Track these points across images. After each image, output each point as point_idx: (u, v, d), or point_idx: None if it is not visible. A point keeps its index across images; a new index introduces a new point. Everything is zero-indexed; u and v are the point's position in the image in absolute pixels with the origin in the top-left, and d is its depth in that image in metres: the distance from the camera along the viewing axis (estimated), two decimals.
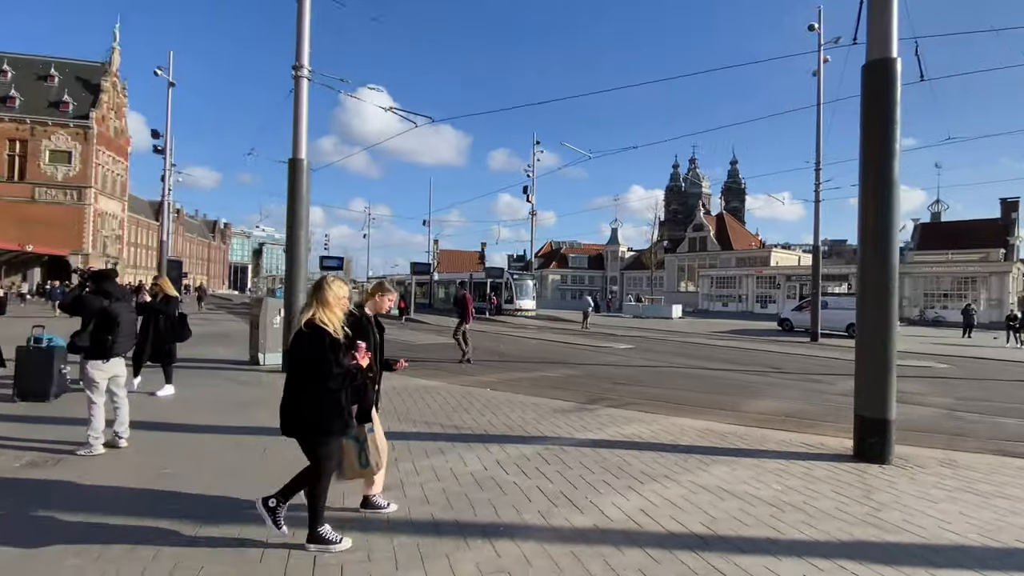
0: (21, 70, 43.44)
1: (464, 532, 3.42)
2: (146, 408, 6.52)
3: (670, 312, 36.86)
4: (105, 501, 3.79)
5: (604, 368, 12.20)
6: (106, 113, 46.17)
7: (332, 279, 3.19)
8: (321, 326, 3.00)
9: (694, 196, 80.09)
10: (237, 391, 8.05)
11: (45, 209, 42.09)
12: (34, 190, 42.17)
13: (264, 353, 10.54)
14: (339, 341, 3.04)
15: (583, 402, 7.74)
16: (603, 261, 72.54)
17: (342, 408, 3.08)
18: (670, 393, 9.10)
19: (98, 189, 45.25)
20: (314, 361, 2.99)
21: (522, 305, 34.63)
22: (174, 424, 5.92)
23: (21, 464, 4.44)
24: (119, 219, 51.01)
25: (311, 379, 3.01)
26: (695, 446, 5.46)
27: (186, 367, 9.56)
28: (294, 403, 3.06)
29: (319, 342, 2.98)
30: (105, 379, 4.91)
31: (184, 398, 7.30)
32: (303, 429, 3.07)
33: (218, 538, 3.26)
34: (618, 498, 4.02)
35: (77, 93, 44.50)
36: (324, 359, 2.97)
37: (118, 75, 48.41)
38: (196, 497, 3.89)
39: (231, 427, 5.91)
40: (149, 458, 4.75)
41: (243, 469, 4.50)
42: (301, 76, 9.96)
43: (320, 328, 3.00)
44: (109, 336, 4.85)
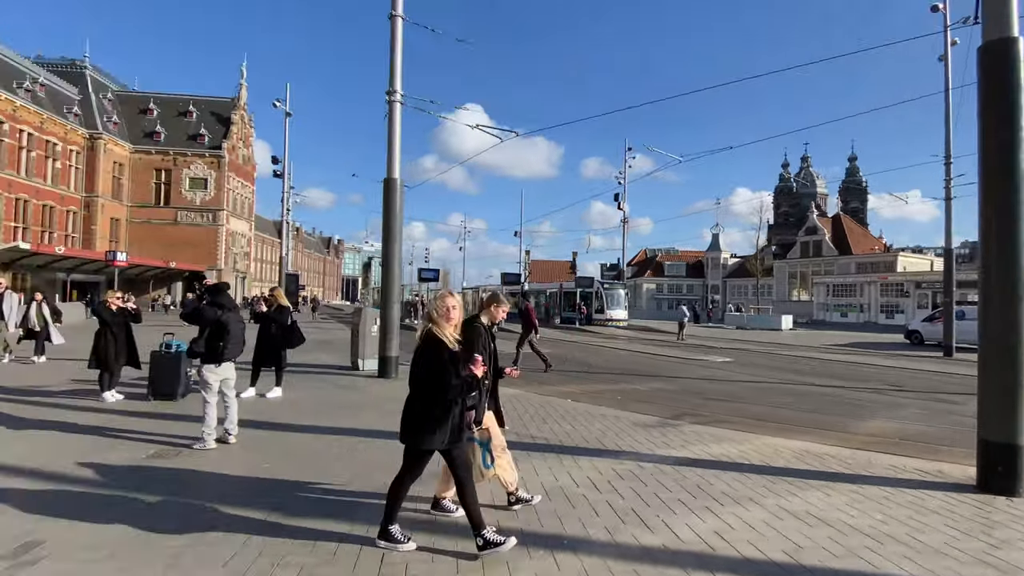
0: (165, 108, 50.14)
1: (527, 542, 3.42)
2: (256, 408, 7.21)
3: (778, 323, 34.33)
4: (210, 491, 4.23)
5: (696, 382, 11.63)
6: (235, 143, 51.92)
7: (446, 295, 3.29)
8: (437, 339, 3.12)
9: (807, 197, 73.99)
10: (337, 394, 8.65)
11: (186, 230, 48.20)
12: (177, 213, 48.41)
13: (363, 359, 11.24)
14: (455, 353, 3.12)
15: (668, 417, 7.43)
16: (703, 269, 69.22)
17: (454, 418, 3.13)
18: (768, 411, 8.48)
19: (229, 211, 50.90)
20: (432, 374, 3.10)
21: (613, 315, 33.98)
22: (278, 424, 6.48)
23: (147, 455, 5.09)
24: (247, 238, 56.98)
25: (430, 391, 3.12)
26: (787, 468, 5.05)
27: (294, 371, 10.42)
28: (412, 413, 3.18)
29: (436, 356, 3.10)
30: (217, 381, 5.51)
31: (290, 400, 7.96)
32: (415, 437, 3.17)
33: (303, 528, 3.53)
34: (692, 519, 3.82)
35: (212, 126, 50.52)
36: (442, 371, 3.07)
37: (245, 108, 54.32)
38: (289, 490, 4.24)
39: (327, 427, 6.35)
40: (253, 454, 5.24)
41: (333, 466, 4.83)
42: (394, 101, 10.60)
43: (436, 341, 3.12)
44: (221, 343, 5.44)
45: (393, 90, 10.57)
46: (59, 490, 4.15)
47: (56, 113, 40.52)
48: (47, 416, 6.47)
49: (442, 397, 3.08)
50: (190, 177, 48.74)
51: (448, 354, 3.10)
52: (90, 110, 44.14)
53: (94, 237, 43.09)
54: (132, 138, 47.68)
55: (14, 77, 37.42)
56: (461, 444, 3.25)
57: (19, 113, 36.83)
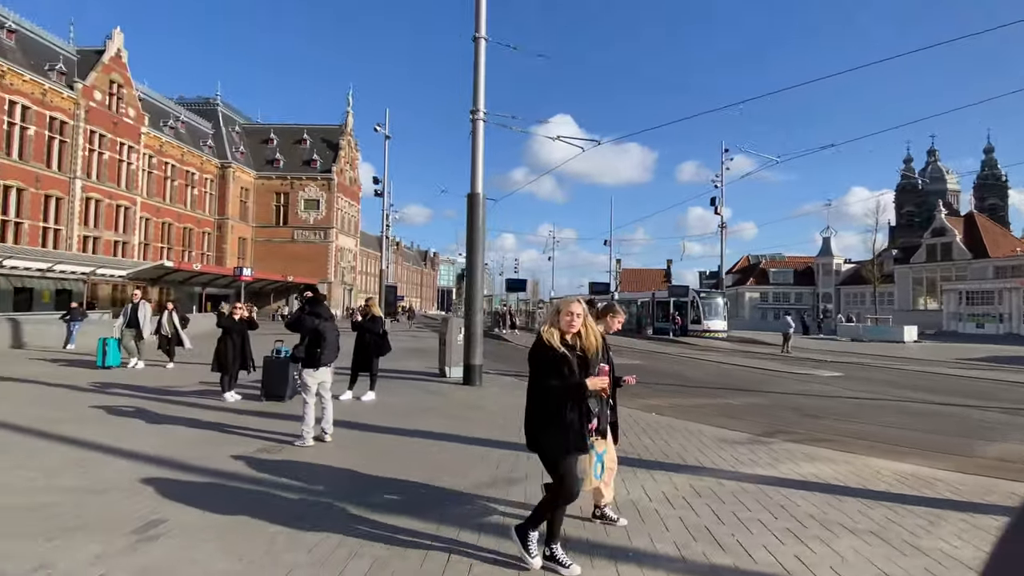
0: (283, 137, 55.60)
1: (592, 552, 3.43)
2: (351, 410, 7.77)
3: (900, 334, 30.84)
4: (305, 484, 4.64)
5: (797, 398, 10.84)
6: (343, 166, 56.17)
7: (574, 302, 3.26)
8: (544, 342, 3.12)
9: (934, 195, 66.01)
10: (424, 399, 9.07)
11: (301, 247, 52.96)
12: (293, 232, 53.36)
13: (449, 367, 11.68)
14: (562, 356, 3.08)
15: (759, 434, 7.02)
16: (813, 276, 63.95)
17: (572, 424, 3.06)
18: (875, 430, 7.73)
19: (338, 229, 55.07)
20: (540, 379, 3.13)
21: (710, 326, 32.34)
22: (369, 425, 6.94)
23: (255, 450, 5.68)
24: (353, 253, 61.22)
25: (540, 394, 3.13)
26: (888, 492, 4.60)
27: (388, 377, 11.06)
28: (530, 420, 3.17)
29: (541, 358, 3.12)
30: (315, 384, 6.03)
31: (382, 403, 8.48)
32: (539, 446, 3.15)
33: (381, 523, 3.79)
34: (770, 540, 3.61)
35: (323, 151, 55.12)
36: (546, 374, 3.08)
37: (351, 133, 58.67)
38: (372, 486, 4.55)
39: (412, 430, 6.70)
40: (345, 452, 5.66)
41: (412, 466, 5.10)
42: (477, 119, 11.02)
43: (543, 344, 3.12)
44: (318, 349, 5.96)
45: (476, 108, 10.99)
46: (182, 477, 4.76)
47: (194, 146, 46.29)
48: (177, 413, 7.40)
49: (552, 402, 3.06)
50: (304, 199, 53.41)
51: (551, 355, 3.07)
52: (221, 142, 49.95)
53: (225, 255, 48.51)
54: (256, 165, 53.26)
55: (161, 116, 43.26)
56: (577, 455, 3.14)
57: (165, 148, 42.51)
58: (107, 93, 36.68)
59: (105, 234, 36.57)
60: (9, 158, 30.20)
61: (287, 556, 3.28)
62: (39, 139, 31.97)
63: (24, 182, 31.03)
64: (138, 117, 39.31)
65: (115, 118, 37.14)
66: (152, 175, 41.22)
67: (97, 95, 35.71)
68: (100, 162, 35.99)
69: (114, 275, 31.80)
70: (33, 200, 31.63)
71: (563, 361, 3.07)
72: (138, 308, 12.48)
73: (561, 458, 3.09)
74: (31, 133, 31.42)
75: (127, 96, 38.38)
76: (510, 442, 6.15)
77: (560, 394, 3.05)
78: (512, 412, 7.97)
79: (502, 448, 5.90)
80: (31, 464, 4.96)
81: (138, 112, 39.37)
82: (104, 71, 36.36)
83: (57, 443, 5.70)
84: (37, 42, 33.65)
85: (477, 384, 10.50)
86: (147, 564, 3.14)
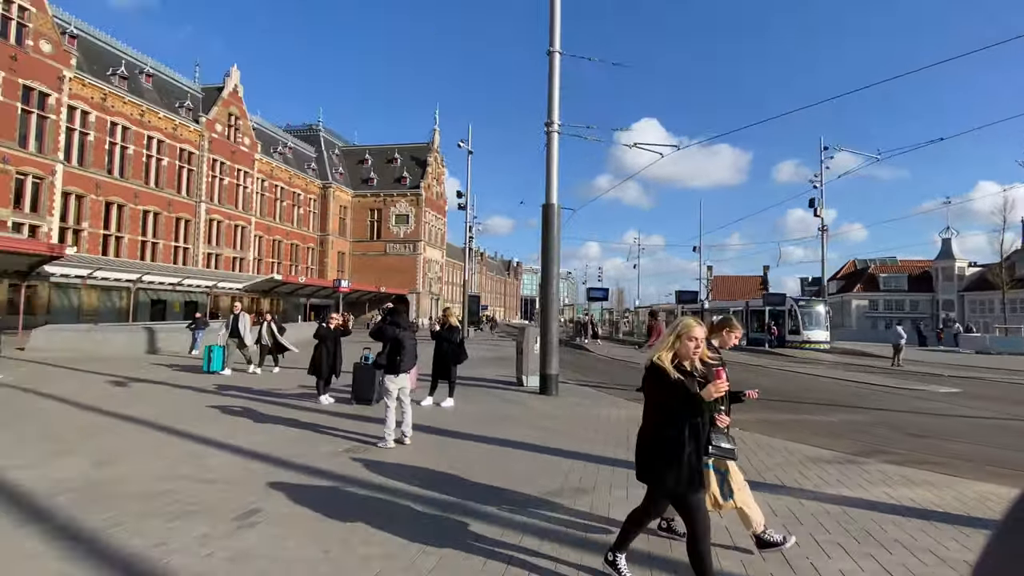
0: (376, 157, 59.32)
1: (652, 564, 3.43)
2: (431, 416, 8.15)
3: None
4: (383, 483, 4.97)
5: (903, 416, 9.90)
6: (430, 182, 58.76)
7: (694, 325, 3.04)
8: (660, 369, 2.92)
9: None
10: (500, 407, 9.29)
11: (392, 260, 56.10)
12: (386, 246, 56.63)
13: (526, 376, 11.84)
14: (679, 381, 2.87)
15: (852, 453, 6.52)
16: (931, 281, 57.60)
17: (684, 454, 2.85)
18: (988, 452, 6.90)
19: (426, 241, 57.59)
20: (658, 406, 2.97)
21: (810, 336, 30.02)
22: (447, 430, 7.26)
23: (343, 449, 6.14)
24: (440, 264, 63.65)
25: (655, 424, 2.96)
26: (992, 520, 4.13)
27: (467, 384, 11.43)
28: (642, 448, 3.03)
29: (657, 386, 2.93)
30: (396, 389, 6.42)
31: (460, 410, 8.80)
32: (649, 475, 2.99)
33: (452, 522, 4.01)
34: (848, 565, 3.41)
35: (412, 169, 58.06)
36: (663, 403, 2.93)
37: (438, 150, 61.27)
38: (445, 489, 4.79)
39: (488, 437, 6.92)
40: (422, 455, 5.98)
41: (484, 471, 5.30)
42: (552, 131, 11.19)
43: (658, 370, 2.92)
44: (398, 357, 6.35)
45: (551, 121, 11.17)
46: (279, 471, 5.27)
47: (299, 169, 50.45)
48: (278, 413, 8.15)
49: (670, 432, 2.87)
50: (395, 214, 56.44)
51: (671, 384, 2.86)
52: (323, 164, 54.10)
53: (326, 268, 52.27)
54: (353, 184, 57.08)
55: (271, 143, 47.62)
56: (698, 491, 2.95)
57: (275, 172, 46.71)
58: (226, 125, 41.01)
59: (225, 251, 40.74)
60: (147, 186, 34.58)
61: (363, 549, 3.57)
62: (171, 169, 36.35)
63: (159, 207, 35.38)
64: (252, 145, 43.54)
65: (233, 147, 41.42)
66: (264, 197, 45.44)
67: (218, 127, 40.03)
68: (221, 187, 40.23)
69: (232, 288, 35.30)
70: (167, 223, 35.96)
71: (681, 388, 2.85)
72: (238, 319, 13.47)
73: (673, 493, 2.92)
74: (164, 164, 35.80)
75: (243, 127, 42.69)
76: (581, 452, 6.20)
77: (678, 424, 2.85)
78: (585, 423, 8.00)
79: (573, 458, 5.96)
80: (158, 455, 5.72)
81: (252, 141, 43.61)
82: (224, 105, 40.71)
83: (178, 437, 6.51)
84: (169, 83, 38.37)
85: (553, 394, 10.58)
86: (244, 547, 3.55)
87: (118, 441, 6.27)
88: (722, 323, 3.87)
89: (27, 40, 27.01)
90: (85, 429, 6.83)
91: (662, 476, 2.88)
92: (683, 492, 2.87)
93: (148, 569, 3.23)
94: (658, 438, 2.92)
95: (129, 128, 33.36)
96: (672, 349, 2.97)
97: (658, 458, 2.90)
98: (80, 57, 30.62)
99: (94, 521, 3.87)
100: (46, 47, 27.91)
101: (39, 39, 27.57)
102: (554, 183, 11.09)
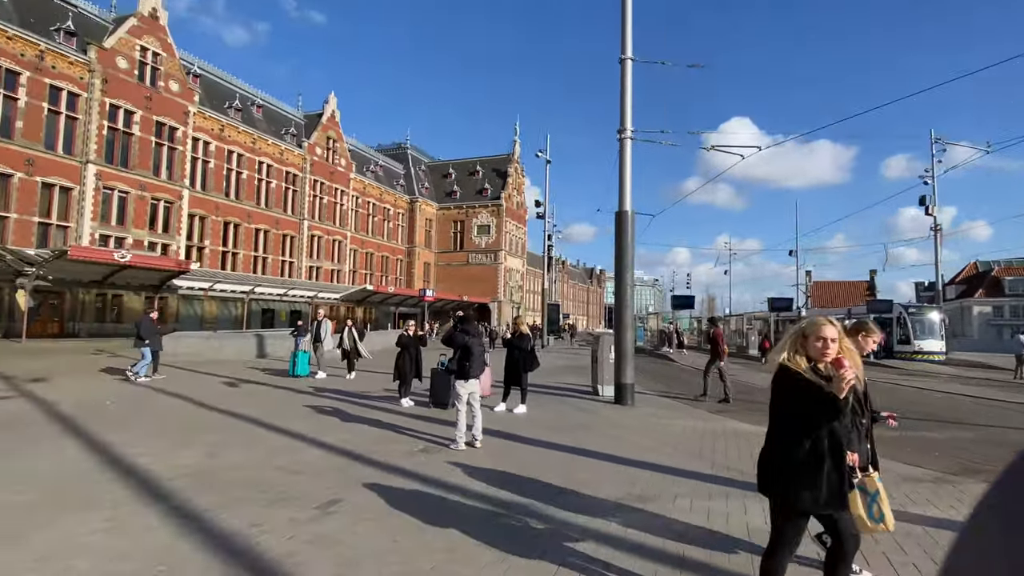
0: (459, 171, 61.55)
1: None
2: (502, 421, 8.40)
3: None
4: (452, 482, 5.25)
5: (1016, 433, 8.84)
6: (511, 192, 59.90)
7: (824, 323, 2.64)
8: (789, 371, 2.59)
9: None
10: (572, 415, 9.36)
11: (475, 269, 57.80)
12: (468, 256, 58.51)
13: (602, 384, 11.79)
14: (814, 382, 2.51)
15: (949, 472, 5.97)
16: None
17: (828, 472, 2.50)
18: None
19: (506, 251, 58.72)
20: (788, 415, 2.61)
21: (922, 346, 27.15)
22: (517, 435, 7.46)
23: (418, 449, 6.53)
24: (520, 273, 64.47)
25: (787, 435, 2.60)
26: None
27: (541, 392, 11.61)
28: (766, 459, 2.70)
29: (786, 388, 2.59)
30: (466, 393, 6.73)
31: (532, 416, 8.98)
32: (775, 489, 2.64)
33: (511, 525, 4.19)
34: None
35: (493, 180, 59.56)
36: (794, 408, 2.57)
37: (518, 161, 62.38)
38: (508, 491, 4.99)
39: (556, 443, 7.03)
40: (491, 458, 6.22)
41: (551, 475, 5.44)
42: (625, 138, 11.16)
43: (788, 373, 2.59)
44: (467, 363, 6.66)
45: (624, 128, 11.13)
46: (360, 466, 5.72)
47: (389, 186, 53.39)
48: (363, 414, 8.76)
49: (801, 443, 2.52)
50: (477, 225, 58.07)
51: (806, 385, 2.50)
52: (411, 181, 56.90)
53: (413, 278, 54.79)
54: (437, 198, 59.48)
55: (364, 163, 50.79)
56: (845, 510, 2.62)
57: (367, 189, 49.77)
58: (325, 148, 44.35)
59: (324, 264, 43.91)
60: (258, 207, 38.13)
61: (427, 540, 3.84)
62: (278, 190, 39.85)
63: (269, 225, 38.86)
64: (347, 166, 46.73)
65: (331, 168, 44.68)
66: (358, 213, 48.55)
67: (318, 150, 43.38)
68: (320, 205, 43.51)
69: (330, 298, 37.97)
70: (275, 239, 39.42)
71: (817, 391, 2.47)
72: (320, 325, 14.39)
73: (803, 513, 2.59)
74: (272, 186, 39.32)
75: (340, 149, 45.96)
76: (649, 462, 6.16)
77: (815, 433, 2.50)
78: (658, 434, 7.88)
79: (640, 468, 5.94)
80: (259, 448, 6.40)
81: (347, 161, 46.80)
82: (323, 130, 44.07)
83: (276, 433, 7.22)
84: (276, 112, 42.17)
85: (628, 403, 10.46)
86: (323, 532, 3.94)
87: (227, 435, 7.08)
88: (857, 327, 3.42)
89: (159, 81, 30.89)
90: (202, 424, 7.76)
91: (800, 492, 2.50)
92: (824, 511, 2.55)
93: (242, 545, 3.69)
94: (788, 449, 2.56)
95: (243, 155, 37.04)
96: (800, 350, 2.62)
97: (792, 471, 2.53)
98: (202, 93, 34.49)
99: (202, 503, 4.45)
100: (175, 87, 31.75)
101: (169, 80, 31.43)
102: (627, 190, 11.03)
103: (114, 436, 6.70)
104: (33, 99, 25.49)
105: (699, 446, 7.09)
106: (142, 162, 29.84)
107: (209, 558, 3.50)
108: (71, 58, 26.81)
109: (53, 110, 26.33)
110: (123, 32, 29.16)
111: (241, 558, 3.51)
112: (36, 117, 25.60)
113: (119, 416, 8.14)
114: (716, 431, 8.08)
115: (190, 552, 3.57)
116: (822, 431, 2.49)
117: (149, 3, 30.65)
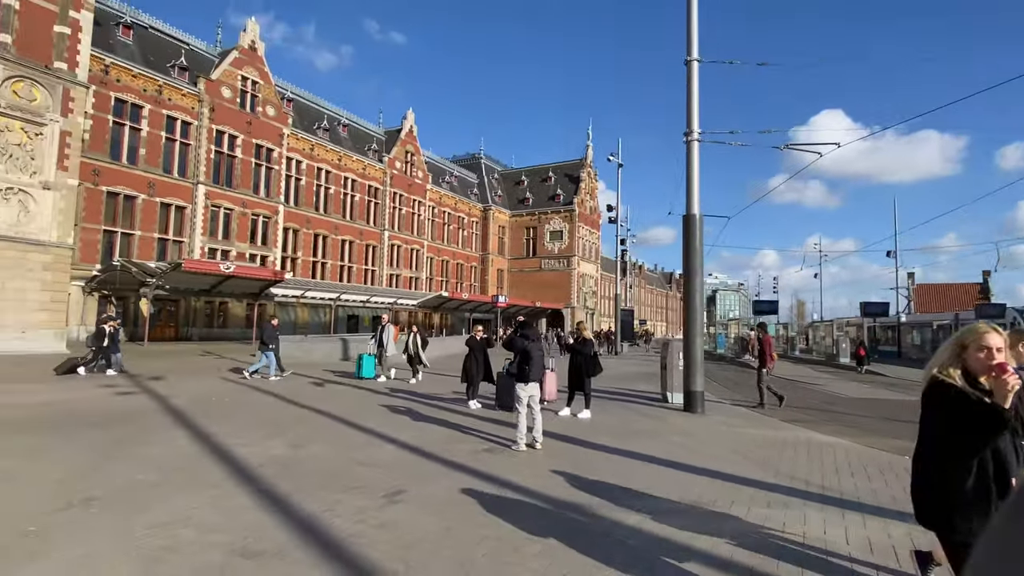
0: (531, 177, 62.22)
1: None
2: (564, 425, 8.55)
3: None
4: (509, 480, 5.50)
5: None
6: (584, 197, 59.72)
7: (987, 331, 2.35)
8: (945, 385, 2.31)
9: None
10: (637, 421, 9.32)
11: (547, 275, 58.09)
12: (540, 262, 58.87)
13: (671, 392, 11.60)
14: (967, 398, 2.23)
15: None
16: None
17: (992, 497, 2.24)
18: None
19: (580, 256, 58.51)
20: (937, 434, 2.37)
21: None
22: (577, 439, 7.58)
23: (481, 448, 6.84)
24: (594, 278, 63.95)
25: (940, 454, 2.34)
26: None
27: (608, 398, 11.63)
28: (920, 484, 2.46)
29: (942, 405, 2.31)
30: (526, 396, 6.97)
31: (596, 422, 9.05)
32: (930, 518, 2.42)
33: (564, 524, 4.37)
34: None
35: (565, 186, 59.66)
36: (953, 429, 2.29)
37: (591, 166, 62.04)
38: (562, 493, 5.17)
39: (617, 448, 7.09)
40: (550, 460, 6.40)
41: (608, 479, 5.56)
42: (692, 140, 10.98)
43: (944, 387, 2.31)
44: (527, 367, 6.90)
45: (690, 130, 10.96)
46: (425, 462, 6.11)
47: (463, 195, 54.97)
48: (433, 414, 9.23)
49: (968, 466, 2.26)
50: (550, 231, 58.34)
51: (968, 401, 2.21)
52: (484, 189, 58.22)
53: (486, 284, 55.92)
54: (510, 205, 60.41)
55: (439, 174, 52.67)
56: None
57: (443, 199, 51.56)
58: (404, 162, 46.49)
59: (403, 272, 45.94)
60: (344, 219, 40.62)
61: (479, 530, 4.11)
62: (362, 203, 42.25)
63: (353, 236, 41.29)
64: (424, 177, 48.68)
65: (409, 180, 46.75)
66: (434, 222, 50.41)
67: (397, 164, 45.55)
68: (399, 216, 45.62)
69: (408, 304, 39.67)
70: (359, 249, 41.80)
71: (978, 404, 2.19)
72: (384, 330, 14.73)
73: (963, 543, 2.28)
74: (356, 199, 41.75)
75: (417, 162, 48.00)
76: (711, 470, 6.09)
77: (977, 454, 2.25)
78: (725, 442, 7.71)
79: (700, 474, 5.90)
80: (337, 442, 6.98)
81: (424, 173, 48.76)
82: (402, 145, 46.23)
83: (353, 429, 7.81)
84: (359, 130, 44.77)
85: (698, 411, 10.24)
86: (387, 519, 4.32)
87: (311, 429, 7.76)
88: (1017, 335, 3.20)
89: (258, 107, 33.84)
90: (290, 418, 8.54)
91: (968, 528, 2.25)
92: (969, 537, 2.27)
93: (317, 526, 4.14)
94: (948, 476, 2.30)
95: (330, 171, 39.67)
96: (956, 362, 2.35)
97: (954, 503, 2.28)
98: (295, 116, 37.37)
99: (285, 488, 4.99)
100: (271, 111, 34.64)
101: (266, 105, 34.34)
102: (695, 193, 10.84)
103: (216, 427, 7.56)
104: (153, 129, 28.82)
105: (766, 455, 6.89)
106: (244, 181, 32.77)
107: (288, 533, 3.96)
108: (184, 90, 30.05)
109: (169, 138, 29.61)
110: (227, 64, 32.27)
111: (314, 535, 3.95)
112: (156, 145, 28.91)
113: (221, 410, 9.12)
114: (787, 440, 7.79)
115: (272, 528, 4.06)
116: (986, 453, 2.25)
117: (248, 36, 33.76)
